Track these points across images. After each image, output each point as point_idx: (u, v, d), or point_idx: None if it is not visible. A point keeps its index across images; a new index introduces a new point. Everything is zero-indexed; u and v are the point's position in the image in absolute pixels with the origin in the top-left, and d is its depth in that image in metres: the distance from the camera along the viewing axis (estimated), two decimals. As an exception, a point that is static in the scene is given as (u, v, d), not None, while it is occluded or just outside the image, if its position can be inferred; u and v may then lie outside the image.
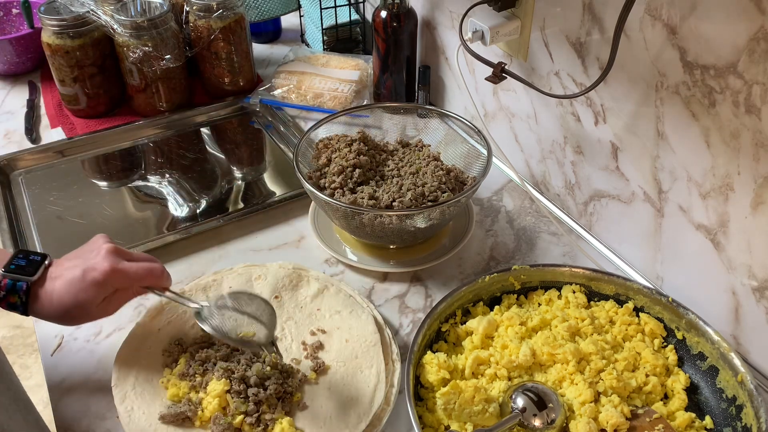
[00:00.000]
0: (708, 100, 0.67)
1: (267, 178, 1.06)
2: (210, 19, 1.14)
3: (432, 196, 0.83)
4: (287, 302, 0.80)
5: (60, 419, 0.68)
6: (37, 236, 0.91)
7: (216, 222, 0.93)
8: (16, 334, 1.96)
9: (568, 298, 0.77)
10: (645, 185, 0.80)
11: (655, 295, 0.74)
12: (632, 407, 0.66)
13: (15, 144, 1.12)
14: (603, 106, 0.81)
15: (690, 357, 0.71)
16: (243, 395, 0.67)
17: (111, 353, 0.73)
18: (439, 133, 0.96)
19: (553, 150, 0.94)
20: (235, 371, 0.68)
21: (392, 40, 1.11)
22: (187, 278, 0.85)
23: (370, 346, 0.73)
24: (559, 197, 0.97)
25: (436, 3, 1.09)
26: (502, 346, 0.71)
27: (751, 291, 0.70)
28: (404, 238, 0.84)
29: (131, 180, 1.05)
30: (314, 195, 0.81)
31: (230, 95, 1.24)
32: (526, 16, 0.88)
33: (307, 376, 0.71)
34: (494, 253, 0.90)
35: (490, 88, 1.02)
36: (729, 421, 0.65)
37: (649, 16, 0.70)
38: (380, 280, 0.86)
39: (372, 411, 0.67)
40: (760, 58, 0.60)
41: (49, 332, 0.78)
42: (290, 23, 1.50)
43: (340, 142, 0.91)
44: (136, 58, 1.09)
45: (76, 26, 1.07)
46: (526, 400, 0.63)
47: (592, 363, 0.68)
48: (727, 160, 0.67)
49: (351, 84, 1.22)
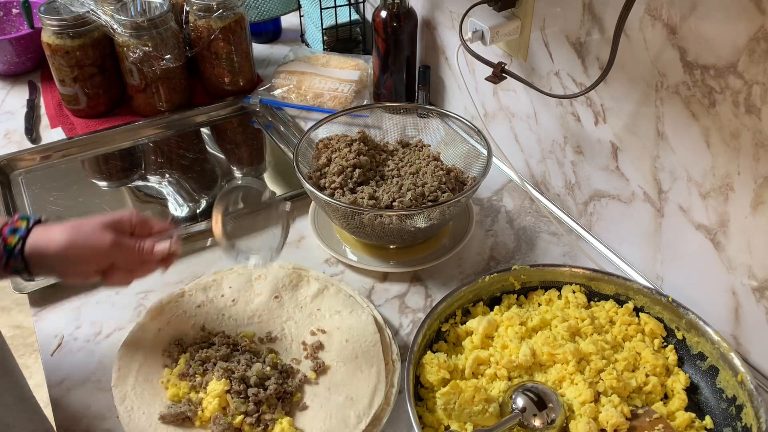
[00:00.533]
0: (708, 100, 0.67)
1: (267, 178, 1.06)
2: (210, 19, 1.14)
3: (432, 196, 0.83)
4: (287, 302, 0.80)
5: (60, 419, 0.68)
6: (37, 236, 0.90)
7: (216, 222, 0.93)
8: (16, 334, 1.96)
9: (568, 298, 0.77)
10: (645, 185, 0.80)
11: (655, 295, 0.74)
12: (632, 407, 0.66)
13: (15, 144, 1.12)
14: (603, 106, 0.81)
15: (690, 357, 0.71)
16: (243, 395, 0.67)
17: (111, 353, 0.73)
18: (439, 133, 0.96)
19: (553, 150, 0.94)
20: (235, 371, 0.68)
21: (392, 40, 1.11)
22: (187, 278, 0.85)
23: (370, 346, 0.73)
24: (559, 197, 0.97)
25: (436, 3, 1.09)
26: (502, 346, 0.71)
27: (751, 291, 0.70)
28: (404, 238, 0.84)
29: (131, 180, 1.05)
30: (314, 195, 0.81)
31: (230, 95, 1.24)
32: (526, 16, 0.88)
33: (307, 376, 0.71)
34: (494, 253, 0.90)
35: (490, 88, 1.02)
36: (729, 421, 0.65)
37: (649, 16, 0.70)
38: (380, 280, 0.86)
39: (372, 411, 0.67)
40: (760, 58, 0.60)
41: (49, 332, 0.78)
42: (290, 23, 1.50)
43: (340, 142, 0.91)
44: (136, 58, 1.09)
45: (76, 26, 1.07)
46: (526, 400, 0.63)
47: (592, 363, 0.68)
48: (727, 160, 0.67)
49: (351, 84, 1.22)
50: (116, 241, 0.64)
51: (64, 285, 0.82)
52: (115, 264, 0.65)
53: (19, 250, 0.61)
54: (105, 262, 0.65)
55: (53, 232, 0.63)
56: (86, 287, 0.83)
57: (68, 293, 0.83)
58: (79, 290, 0.83)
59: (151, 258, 0.66)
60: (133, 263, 0.66)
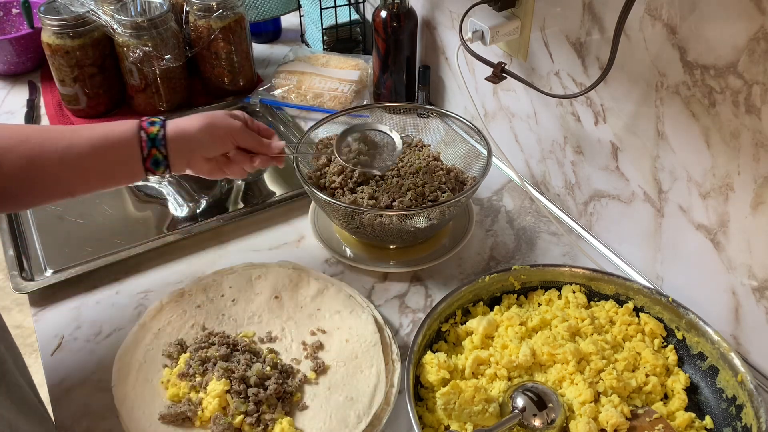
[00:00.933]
0: (708, 100, 0.67)
1: (267, 178, 1.06)
2: (210, 19, 1.14)
3: (432, 196, 0.83)
4: (287, 302, 0.80)
5: (60, 419, 0.68)
6: (37, 236, 0.91)
7: (216, 222, 0.93)
8: (17, 334, 1.97)
9: (568, 298, 0.77)
10: (645, 185, 0.80)
11: (655, 295, 0.74)
12: (632, 407, 0.66)
13: (15, 144, 1.12)
14: (603, 106, 0.81)
15: (690, 357, 0.71)
16: (243, 395, 0.67)
17: (111, 353, 0.73)
18: (439, 133, 0.96)
19: (553, 150, 0.94)
20: (235, 371, 0.68)
21: (392, 40, 1.11)
22: (187, 278, 0.85)
23: (370, 346, 0.73)
24: (559, 197, 0.97)
25: (436, 3, 1.09)
26: (502, 346, 0.71)
27: (751, 291, 0.70)
28: (404, 238, 0.84)
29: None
30: (314, 195, 0.81)
31: (230, 95, 1.24)
32: (526, 16, 0.88)
33: (307, 376, 0.71)
34: (494, 253, 0.90)
35: (490, 88, 1.02)
36: (729, 421, 0.65)
37: (649, 16, 0.70)
38: (380, 280, 0.86)
39: (372, 411, 0.67)
40: (760, 58, 0.60)
41: (49, 332, 0.78)
42: (290, 23, 1.50)
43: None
44: (136, 58, 1.09)
45: (76, 26, 1.07)
46: (526, 400, 0.63)
47: (592, 363, 0.68)
48: (727, 160, 0.67)
49: (351, 84, 1.22)
50: (244, 126, 0.74)
51: (64, 285, 0.83)
52: (235, 157, 0.75)
53: (162, 136, 0.69)
54: (234, 143, 0.74)
55: (189, 118, 0.72)
56: (86, 287, 0.83)
57: (68, 293, 0.83)
58: (79, 290, 0.83)
59: (269, 150, 0.77)
60: (256, 148, 0.76)
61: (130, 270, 0.86)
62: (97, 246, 0.89)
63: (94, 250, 0.88)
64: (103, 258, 0.86)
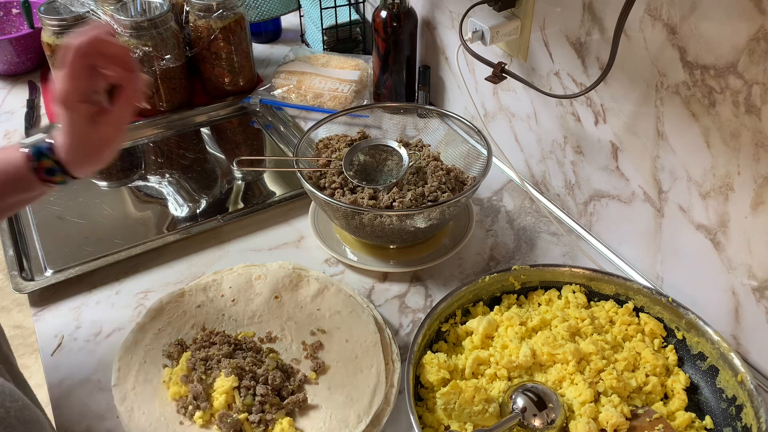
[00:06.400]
0: (708, 100, 0.67)
1: (267, 178, 1.06)
2: (210, 19, 1.14)
3: (432, 196, 0.83)
4: (287, 302, 0.80)
5: (60, 419, 0.68)
6: (37, 236, 0.91)
7: (216, 222, 0.93)
8: (16, 334, 1.96)
9: (568, 298, 0.77)
10: (645, 185, 0.80)
11: (655, 295, 0.74)
12: (632, 407, 0.66)
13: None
14: (603, 106, 0.81)
15: (690, 357, 0.71)
16: (252, 391, 0.67)
17: (111, 353, 0.73)
18: (439, 133, 0.96)
19: (553, 150, 0.94)
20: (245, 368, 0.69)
21: (392, 40, 1.11)
22: (187, 278, 0.85)
23: (370, 346, 0.73)
24: (559, 197, 0.97)
25: (436, 3, 1.09)
26: (502, 346, 0.71)
27: (751, 291, 0.70)
28: (404, 238, 0.84)
29: (131, 180, 1.05)
30: (314, 195, 0.81)
31: (230, 95, 1.24)
32: (526, 16, 0.88)
33: (307, 376, 0.71)
34: (494, 253, 0.90)
35: (490, 88, 1.02)
36: (729, 421, 0.65)
37: (649, 16, 0.70)
38: (380, 280, 0.86)
39: (372, 411, 0.67)
40: (760, 58, 0.60)
41: (49, 332, 0.78)
42: (290, 23, 1.50)
43: (340, 142, 0.91)
44: (136, 58, 1.09)
45: (76, 26, 1.07)
46: (526, 400, 0.63)
47: (592, 363, 0.68)
48: (727, 160, 0.67)
49: (351, 84, 1.22)
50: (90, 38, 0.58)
51: (64, 285, 0.83)
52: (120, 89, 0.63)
53: (43, 140, 0.63)
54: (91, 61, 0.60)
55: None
56: (86, 287, 0.83)
57: (68, 293, 0.83)
58: (79, 290, 0.83)
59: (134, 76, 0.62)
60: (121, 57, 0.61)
61: (129, 270, 0.86)
62: (97, 246, 0.89)
63: (94, 250, 0.88)
64: (103, 258, 0.86)
